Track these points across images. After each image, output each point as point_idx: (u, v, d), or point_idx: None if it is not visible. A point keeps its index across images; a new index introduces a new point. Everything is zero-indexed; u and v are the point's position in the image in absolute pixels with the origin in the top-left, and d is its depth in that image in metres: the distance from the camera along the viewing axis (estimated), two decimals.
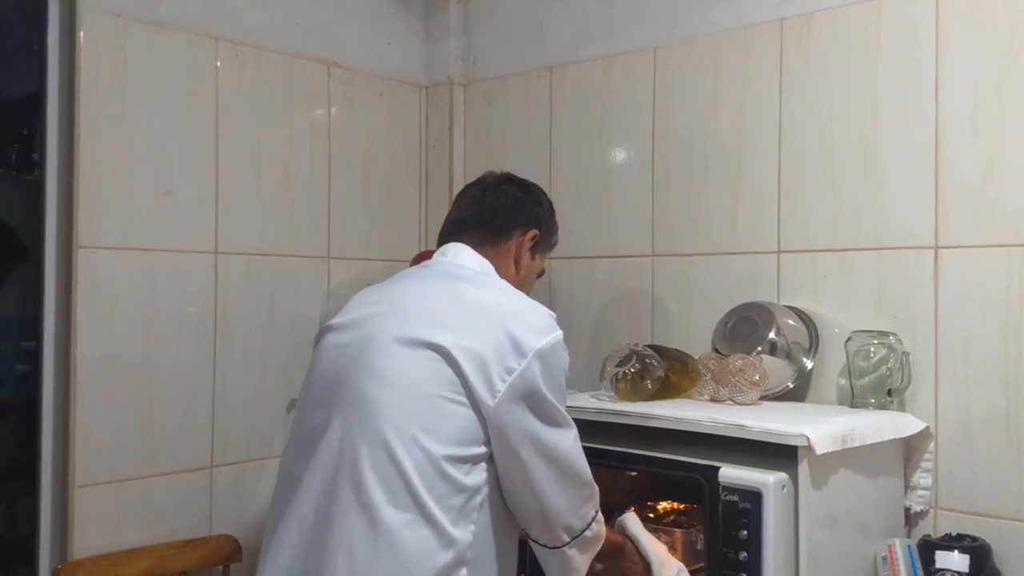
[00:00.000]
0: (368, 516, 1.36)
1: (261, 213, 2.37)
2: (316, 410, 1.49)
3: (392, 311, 1.51)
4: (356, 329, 1.51)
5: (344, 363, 1.48)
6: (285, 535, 1.45)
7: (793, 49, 2.08)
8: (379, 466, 1.37)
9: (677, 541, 1.85)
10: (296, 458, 1.49)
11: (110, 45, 2.09)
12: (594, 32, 2.46)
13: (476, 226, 1.67)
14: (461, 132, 2.75)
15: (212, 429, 2.26)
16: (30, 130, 2.15)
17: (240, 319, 2.32)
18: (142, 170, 2.14)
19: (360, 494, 1.37)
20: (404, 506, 1.36)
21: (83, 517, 2.04)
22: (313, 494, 1.43)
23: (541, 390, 1.43)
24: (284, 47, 2.43)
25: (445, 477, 1.38)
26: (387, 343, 1.44)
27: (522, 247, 1.70)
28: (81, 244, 2.04)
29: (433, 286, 1.55)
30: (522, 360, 1.41)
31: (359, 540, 1.36)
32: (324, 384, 1.51)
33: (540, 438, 1.44)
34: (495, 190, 1.72)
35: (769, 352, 1.97)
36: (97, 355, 2.06)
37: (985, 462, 1.80)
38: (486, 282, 1.58)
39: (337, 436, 1.42)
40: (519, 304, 1.51)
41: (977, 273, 1.83)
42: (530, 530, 1.52)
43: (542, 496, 1.46)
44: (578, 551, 1.55)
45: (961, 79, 1.86)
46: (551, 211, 1.79)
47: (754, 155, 2.14)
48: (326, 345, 1.56)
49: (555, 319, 1.51)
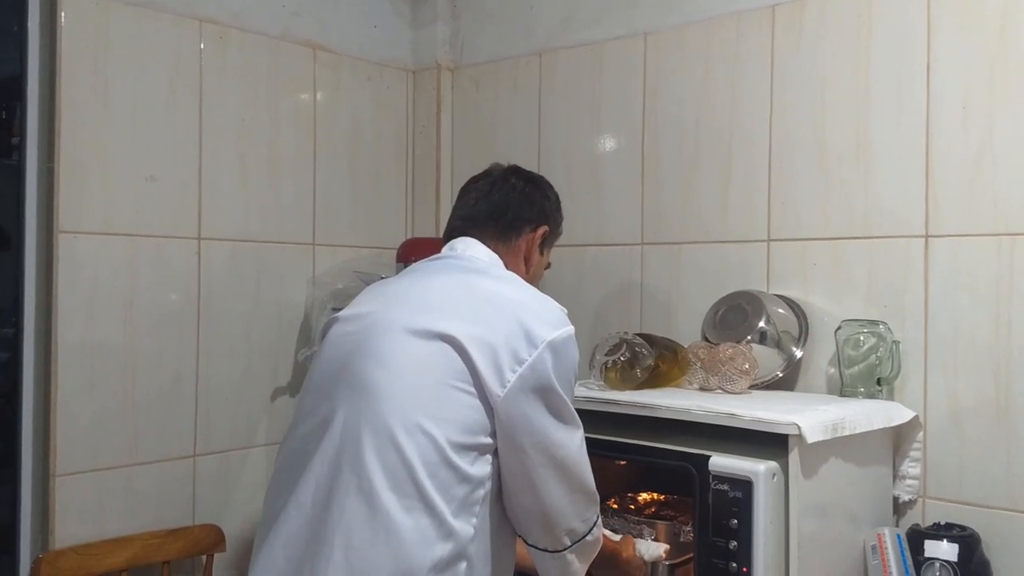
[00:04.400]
0: (368, 500, 1.34)
1: (245, 198, 2.34)
2: (319, 397, 1.47)
3: (401, 301, 1.49)
4: (362, 319, 1.50)
5: (349, 349, 1.46)
6: (283, 522, 1.43)
7: (785, 36, 2.07)
8: (381, 451, 1.35)
9: (660, 533, 1.83)
10: (297, 445, 1.47)
11: (92, 26, 2.06)
12: (584, 17, 2.43)
13: (486, 223, 1.63)
14: (449, 118, 2.73)
15: (195, 417, 2.24)
16: (10, 113, 2.13)
17: (224, 306, 2.29)
18: (124, 154, 2.11)
19: (361, 478, 1.35)
20: (405, 492, 1.34)
21: (64, 506, 2.01)
22: (313, 480, 1.40)
23: (551, 382, 1.40)
24: (269, 30, 2.40)
25: (449, 465, 1.35)
26: (394, 331, 1.43)
27: (533, 244, 1.66)
28: (62, 229, 2.01)
29: (444, 277, 1.53)
30: (533, 351, 1.39)
31: (357, 524, 1.34)
32: (327, 371, 1.49)
33: (547, 433, 1.42)
34: (503, 185, 1.66)
35: (759, 341, 1.96)
36: (78, 341, 2.04)
37: (974, 451, 1.81)
38: (498, 274, 1.55)
39: (340, 421, 1.40)
40: (531, 297, 1.49)
41: (967, 262, 1.82)
42: (528, 534, 1.49)
43: (544, 496, 1.44)
44: (578, 555, 1.54)
45: (953, 67, 1.85)
46: (558, 204, 1.74)
47: (745, 143, 2.13)
48: (332, 335, 1.53)
49: (567, 314, 1.49)
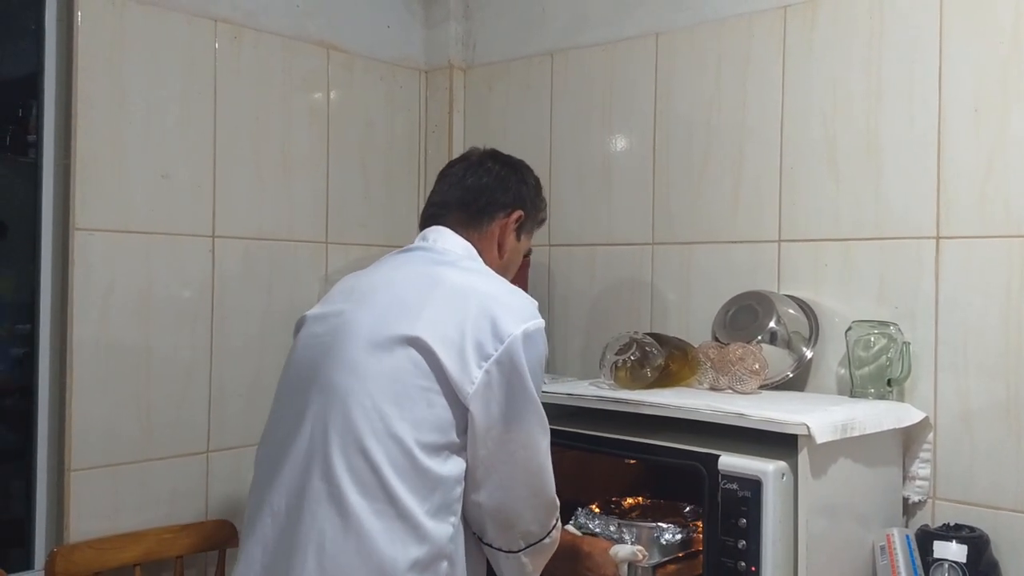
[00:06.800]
0: (338, 507, 1.34)
1: (259, 197, 2.36)
2: (290, 401, 1.47)
3: (367, 301, 1.47)
4: (332, 320, 1.49)
5: (318, 353, 1.45)
6: (259, 527, 1.43)
7: (796, 36, 2.07)
8: (350, 457, 1.35)
9: (640, 536, 1.78)
10: (270, 449, 1.47)
11: (108, 25, 2.07)
12: (595, 17, 2.44)
13: (458, 209, 1.61)
14: (461, 117, 2.74)
15: (209, 414, 2.26)
16: (26, 111, 2.14)
17: (237, 303, 2.31)
18: (139, 152, 2.13)
19: (331, 485, 1.35)
20: (374, 496, 1.33)
21: (79, 501, 2.03)
22: (285, 485, 1.40)
23: (518, 377, 1.39)
24: (283, 29, 2.41)
25: (419, 468, 1.35)
26: (361, 336, 1.41)
27: (506, 230, 1.63)
28: (78, 226, 2.03)
29: (411, 271, 1.51)
30: (499, 346, 1.37)
31: (329, 531, 1.34)
32: (298, 375, 1.48)
33: (512, 430, 1.40)
34: (478, 169, 1.64)
35: (769, 341, 1.96)
36: (93, 338, 2.05)
37: (984, 453, 1.80)
38: (468, 266, 1.53)
39: (309, 427, 1.40)
40: (501, 289, 1.47)
41: (978, 264, 1.82)
42: (484, 532, 1.48)
43: (504, 496, 1.42)
44: (533, 558, 1.52)
45: (964, 68, 1.85)
46: (537, 188, 1.71)
47: (756, 143, 2.13)
48: (302, 337, 1.53)
49: (537, 307, 1.47)
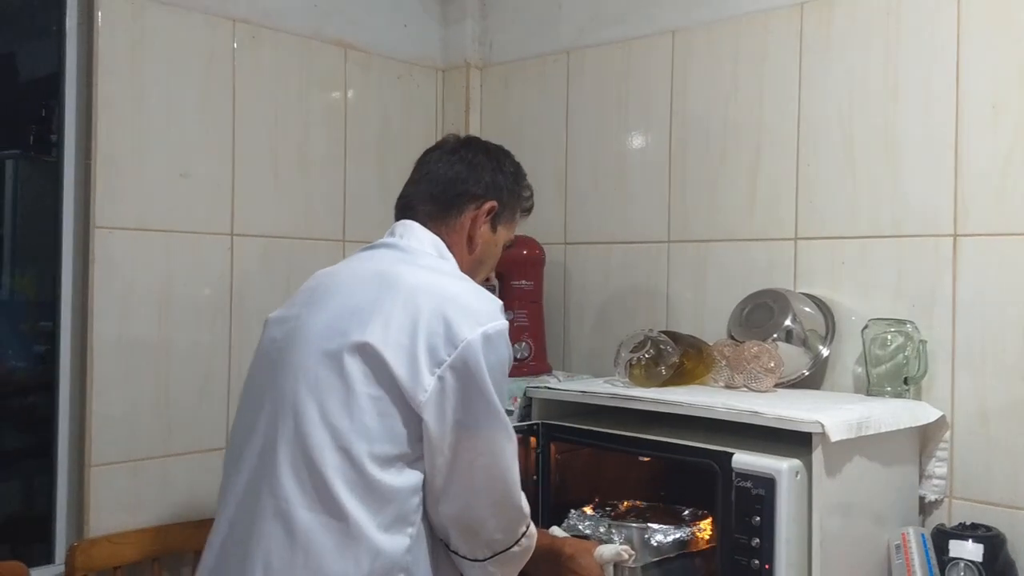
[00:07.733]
0: (285, 523, 1.31)
1: (277, 195, 2.37)
2: (247, 407, 1.45)
3: (320, 306, 1.42)
4: (289, 323, 1.45)
5: (273, 360, 1.43)
6: (216, 536, 1.43)
7: (813, 34, 2.06)
8: (298, 470, 1.31)
9: (632, 534, 1.76)
10: (228, 458, 1.46)
11: (127, 26, 2.10)
12: (612, 15, 2.44)
13: (427, 201, 1.54)
14: (477, 116, 2.74)
15: (228, 410, 2.27)
16: (48, 111, 2.16)
17: (256, 301, 2.32)
18: (159, 151, 2.15)
19: (278, 499, 1.31)
20: (322, 510, 1.29)
21: (99, 496, 2.05)
22: (234, 501, 1.39)
23: (476, 382, 1.32)
24: (301, 29, 2.42)
25: (370, 481, 1.30)
26: (312, 345, 1.37)
27: (476, 222, 1.54)
28: (98, 225, 2.05)
29: (369, 270, 1.45)
30: (452, 351, 1.31)
31: (276, 548, 1.31)
32: (254, 382, 1.47)
33: (471, 437, 1.33)
34: (451, 157, 1.56)
35: (785, 339, 1.95)
36: (114, 335, 2.07)
37: (1001, 452, 1.79)
38: (429, 264, 1.46)
39: (260, 438, 1.37)
40: (458, 289, 1.40)
41: (996, 261, 1.81)
42: (447, 539, 1.41)
43: (465, 504, 1.36)
44: (502, 566, 1.45)
45: (982, 65, 1.84)
46: (516, 176, 1.61)
47: (772, 141, 2.13)
48: (263, 341, 1.50)
49: (501, 308, 1.40)
